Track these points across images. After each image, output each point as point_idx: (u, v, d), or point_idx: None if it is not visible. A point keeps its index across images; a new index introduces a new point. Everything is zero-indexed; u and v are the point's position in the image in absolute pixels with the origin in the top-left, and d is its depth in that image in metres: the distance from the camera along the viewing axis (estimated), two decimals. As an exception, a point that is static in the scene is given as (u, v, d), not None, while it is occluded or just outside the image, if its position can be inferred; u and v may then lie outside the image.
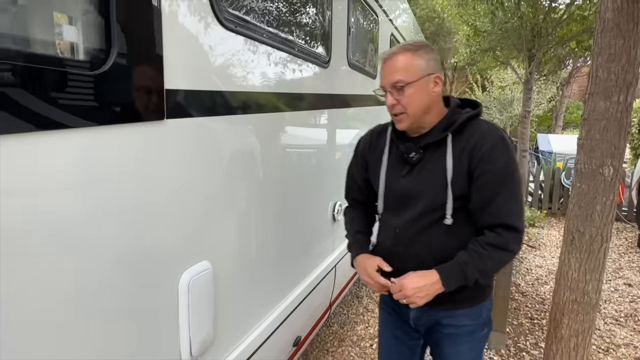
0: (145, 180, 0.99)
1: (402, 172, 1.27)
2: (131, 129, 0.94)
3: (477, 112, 1.26)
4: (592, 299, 1.85)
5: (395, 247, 1.29)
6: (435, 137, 1.22)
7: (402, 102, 1.20)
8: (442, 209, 1.21)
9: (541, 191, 7.26)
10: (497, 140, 1.19)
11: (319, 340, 3.03)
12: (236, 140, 1.36)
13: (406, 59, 1.19)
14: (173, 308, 1.12)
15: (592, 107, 1.73)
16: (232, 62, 1.28)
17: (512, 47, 5.79)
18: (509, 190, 1.19)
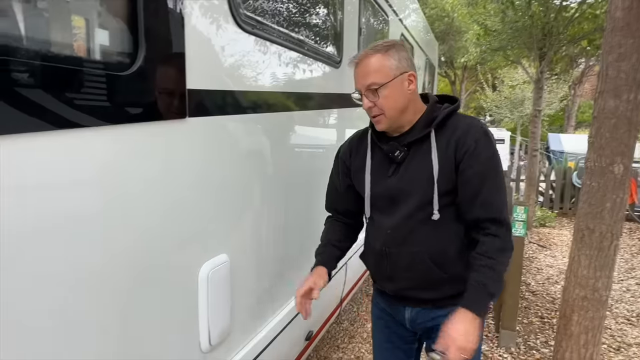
0: (168, 176, 1.04)
1: (388, 173, 1.27)
2: (155, 127, 0.99)
3: (456, 106, 1.26)
4: (602, 295, 1.86)
5: (387, 248, 1.28)
6: (419, 133, 1.22)
7: (379, 104, 1.20)
8: (430, 206, 1.21)
9: (552, 191, 7.21)
10: (480, 134, 1.20)
11: (330, 337, 3.07)
12: (254, 138, 1.40)
13: (377, 60, 1.18)
14: (193, 298, 1.17)
15: (602, 105, 1.75)
16: (249, 63, 1.33)
17: (523, 46, 5.75)
18: (494, 182, 1.20)
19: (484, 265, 1.18)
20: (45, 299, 0.77)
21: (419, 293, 1.31)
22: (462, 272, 1.24)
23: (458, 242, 1.26)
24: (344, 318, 3.37)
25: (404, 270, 1.27)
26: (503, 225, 1.22)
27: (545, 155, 12.85)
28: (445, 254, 1.24)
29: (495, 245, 1.20)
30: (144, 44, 0.92)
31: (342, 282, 2.51)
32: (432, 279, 1.26)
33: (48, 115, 0.74)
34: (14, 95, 0.68)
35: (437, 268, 1.24)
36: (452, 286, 1.26)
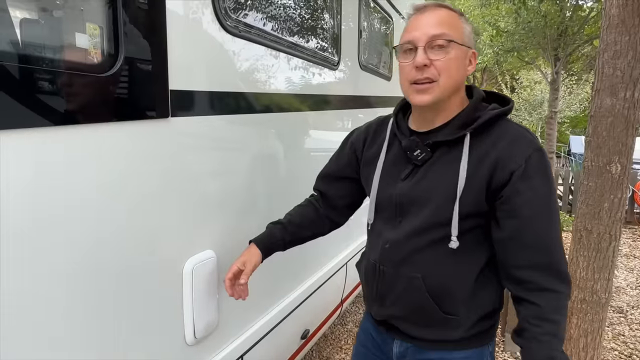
0: (152, 173, 1.08)
1: (402, 174, 1.04)
2: (139, 125, 1.04)
3: (507, 109, 0.99)
4: (601, 298, 1.82)
5: (381, 265, 1.07)
6: (449, 134, 0.97)
7: (438, 65, 0.93)
8: (446, 227, 0.97)
9: (571, 194, 7.04)
10: (533, 150, 0.93)
11: (333, 338, 3.08)
12: (238, 137, 1.44)
13: (453, 16, 0.97)
14: (177, 292, 1.21)
15: (599, 103, 1.73)
16: (233, 65, 1.37)
17: (537, 46, 5.67)
18: (549, 217, 0.94)
19: (543, 332, 0.92)
20: (28, 295, 0.81)
21: (408, 327, 1.09)
22: (466, 316, 1.02)
23: (472, 279, 1.00)
24: (348, 319, 3.38)
25: (397, 296, 1.06)
26: (563, 277, 0.94)
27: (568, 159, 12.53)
28: (449, 290, 1.01)
29: (554, 304, 0.93)
30: (125, 45, 0.97)
31: (342, 283, 2.53)
32: (425, 314, 1.04)
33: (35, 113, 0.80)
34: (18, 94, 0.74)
35: (433, 302, 1.01)
36: (449, 329, 1.03)
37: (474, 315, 1.03)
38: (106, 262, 0.98)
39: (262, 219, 1.63)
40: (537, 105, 13.34)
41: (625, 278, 4.36)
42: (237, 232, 1.48)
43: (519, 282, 0.97)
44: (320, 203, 1.30)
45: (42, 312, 0.85)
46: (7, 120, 0.76)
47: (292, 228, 1.26)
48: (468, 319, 1.03)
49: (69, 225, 0.88)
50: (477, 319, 1.03)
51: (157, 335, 1.15)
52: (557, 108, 5.96)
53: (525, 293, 0.96)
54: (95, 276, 0.95)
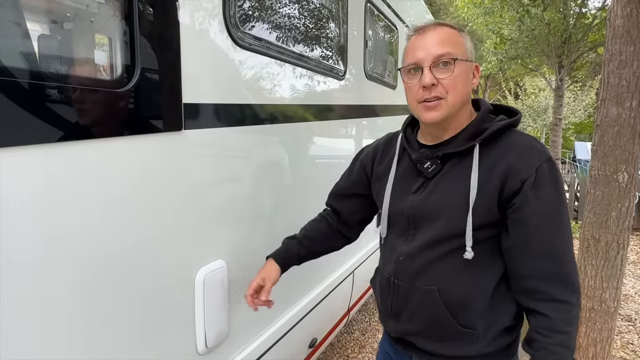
0: (165, 184, 1.10)
1: (413, 187, 1.05)
2: (153, 138, 1.06)
3: (514, 120, 1.00)
4: (609, 307, 1.82)
5: (396, 279, 1.07)
6: (459, 146, 0.99)
7: (445, 83, 0.95)
8: (461, 238, 0.97)
9: (577, 201, 7.01)
10: (543, 159, 0.93)
11: (340, 346, 3.08)
12: (250, 148, 1.47)
13: (454, 34, 0.99)
14: (190, 301, 1.23)
15: (605, 113, 1.74)
16: (244, 78, 1.40)
17: (541, 53, 5.69)
18: (559, 227, 0.94)
19: (553, 343, 0.92)
20: (45, 305, 0.84)
21: (424, 343, 1.07)
22: (484, 331, 1.00)
23: (488, 291, 1.00)
24: (355, 328, 3.37)
25: (412, 310, 1.05)
26: (572, 287, 0.94)
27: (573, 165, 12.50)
28: (466, 303, 1.00)
29: (564, 315, 0.93)
30: (140, 61, 1.00)
31: (349, 291, 2.54)
32: (442, 328, 1.02)
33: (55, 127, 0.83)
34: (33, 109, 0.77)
35: (450, 315, 1.00)
36: (466, 344, 1.02)
37: (492, 330, 1.01)
38: (119, 272, 1.00)
39: (271, 228, 1.65)
40: (541, 112, 13.34)
41: (633, 286, 4.33)
42: (247, 241, 1.49)
43: (529, 292, 0.97)
44: (333, 218, 1.32)
45: (57, 324, 0.87)
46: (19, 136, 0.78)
47: (307, 242, 1.28)
48: (486, 334, 1.01)
49: (85, 237, 0.90)
50: (495, 334, 1.01)
51: (169, 345, 1.17)
52: (561, 115, 5.96)
53: (535, 304, 0.96)
54: (108, 287, 0.97)
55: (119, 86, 0.97)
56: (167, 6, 1.06)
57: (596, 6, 5.39)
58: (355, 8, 2.39)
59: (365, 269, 2.78)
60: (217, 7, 1.25)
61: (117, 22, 0.98)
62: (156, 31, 1.04)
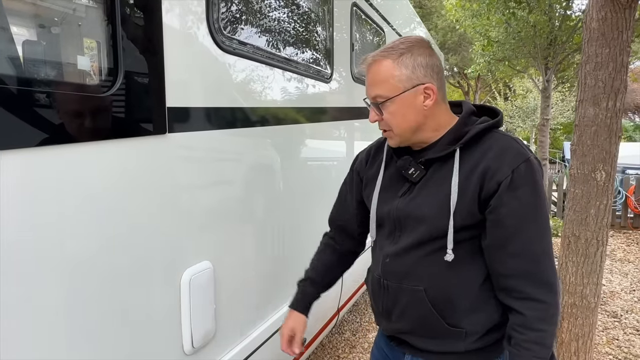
0: (150, 187, 1.12)
1: (400, 191, 1.08)
2: (138, 142, 1.08)
3: (495, 122, 1.02)
4: (590, 302, 1.86)
5: (385, 279, 1.10)
6: (439, 151, 1.02)
7: (385, 118, 1.03)
8: (443, 239, 1.00)
9: (565, 200, 7.11)
10: (519, 160, 0.95)
11: (331, 347, 3.10)
12: (235, 151, 1.49)
13: (386, 68, 0.99)
14: (176, 302, 1.24)
15: (582, 113, 1.79)
16: (229, 82, 1.43)
17: (528, 55, 5.78)
18: (535, 226, 0.96)
19: (527, 340, 0.95)
20: (33, 304, 0.85)
21: (416, 340, 1.11)
22: (471, 328, 1.04)
23: (474, 289, 1.03)
24: (345, 328, 3.40)
25: (402, 309, 1.09)
26: (548, 287, 0.96)
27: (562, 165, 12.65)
28: (452, 302, 1.03)
29: (538, 314, 0.95)
30: (124, 66, 1.02)
31: (338, 291, 2.56)
32: (431, 326, 1.06)
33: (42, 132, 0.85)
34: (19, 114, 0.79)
35: (437, 314, 1.04)
36: (455, 341, 1.05)
37: (479, 327, 1.04)
38: (105, 273, 1.01)
39: (257, 230, 1.67)
40: (530, 113, 13.52)
41: (619, 282, 4.40)
42: (232, 243, 1.51)
43: (507, 290, 1.00)
44: (338, 239, 1.32)
45: (43, 324, 0.89)
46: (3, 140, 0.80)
47: (320, 279, 1.32)
48: (473, 331, 1.04)
49: (70, 239, 0.92)
50: (483, 331, 1.04)
51: (156, 345, 1.18)
52: (549, 115, 6.05)
53: (511, 301, 0.99)
54: (93, 288, 0.99)
55: (102, 91, 0.99)
56: (151, 10, 1.08)
57: (580, 8, 5.50)
58: (341, 11, 2.43)
59: (355, 269, 2.80)
60: (201, 12, 1.27)
61: (100, 26, 1.00)
62: (140, 36, 1.06)
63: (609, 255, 5.29)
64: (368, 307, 3.81)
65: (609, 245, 4.87)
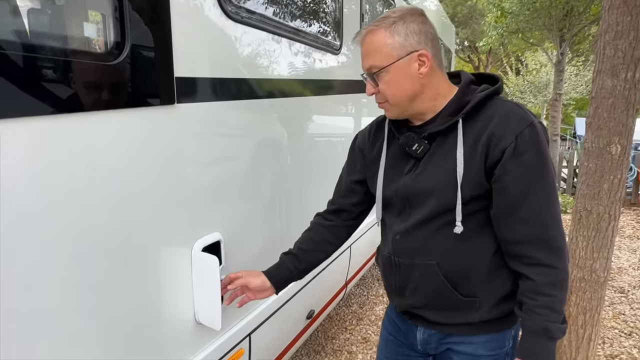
0: (158, 158, 1.12)
1: (405, 168, 1.07)
2: (146, 112, 1.07)
3: (496, 89, 1.00)
4: (599, 277, 1.86)
5: (397, 257, 1.10)
6: (441, 124, 1.00)
7: (382, 90, 1.02)
8: (452, 212, 0.99)
9: (576, 177, 7.04)
10: (523, 126, 0.93)
11: (338, 319, 3.16)
12: (242, 122, 1.47)
13: (379, 38, 0.98)
14: (187, 272, 1.26)
15: (600, 85, 1.73)
16: (237, 51, 1.40)
17: (542, 27, 5.60)
18: (541, 192, 0.95)
19: (538, 305, 0.96)
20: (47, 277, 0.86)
21: (430, 314, 1.12)
22: (485, 298, 1.05)
23: (486, 260, 1.03)
24: (353, 301, 3.45)
25: (414, 285, 1.09)
26: (558, 252, 0.96)
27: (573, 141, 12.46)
28: (465, 274, 1.04)
29: (548, 279, 0.96)
30: (130, 34, 1.00)
31: (346, 265, 2.59)
32: (444, 299, 1.06)
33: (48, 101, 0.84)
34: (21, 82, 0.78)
35: (451, 287, 1.04)
36: (469, 312, 1.06)
37: (493, 297, 1.05)
38: (112, 244, 1.02)
39: (266, 201, 1.67)
40: (542, 88, 13.21)
41: (627, 259, 4.39)
42: (244, 214, 1.52)
43: (517, 257, 1.00)
44: (329, 218, 1.29)
45: (56, 291, 0.90)
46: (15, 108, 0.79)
47: (304, 255, 1.26)
48: (487, 301, 1.05)
49: (77, 211, 0.92)
50: (496, 301, 1.05)
51: (169, 314, 1.21)
52: (561, 90, 5.91)
53: (522, 267, 0.99)
54: (104, 255, 1.00)
55: (109, 59, 0.97)
56: (157, -22, 1.05)
57: (599, -23, 5.28)
58: (351, -20, 2.35)
59: (363, 244, 2.82)
60: (209, -21, 1.23)
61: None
62: (147, 3, 1.04)
63: (618, 231, 5.26)
64: (375, 281, 3.85)
65: (618, 222, 4.85)
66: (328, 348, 2.77)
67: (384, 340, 1.30)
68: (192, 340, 1.30)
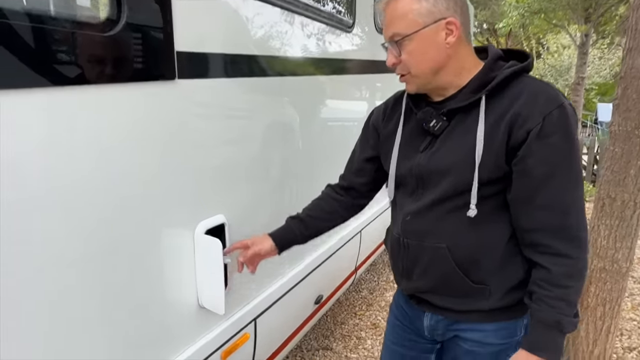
0: (158, 135, 1.07)
1: (421, 146, 1.02)
2: (144, 86, 1.02)
3: (525, 65, 0.94)
4: (622, 267, 1.77)
5: (406, 238, 1.06)
6: (463, 100, 0.94)
7: (404, 60, 0.95)
8: (467, 194, 0.94)
9: (596, 164, 6.83)
10: (553, 106, 0.86)
11: (348, 304, 3.13)
12: (248, 100, 1.41)
13: (404, 3, 0.92)
14: (190, 255, 1.22)
15: (630, 64, 1.62)
16: (244, 27, 1.33)
17: (567, 7, 5.34)
18: (566, 178, 0.88)
19: (552, 296, 0.90)
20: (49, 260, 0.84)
21: (437, 299, 1.08)
22: (496, 286, 1.00)
23: (499, 246, 0.98)
24: (363, 287, 3.42)
25: (423, 268, 1.05)
26: (577, 242, 0.90)
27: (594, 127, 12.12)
28: (476, 259, 0.99)
29: (565, 270, 0.90)
30: (127, 4, 0.94)
31: (356, 251, 2.54)
32: (453, 285, 1.02)
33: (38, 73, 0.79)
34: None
35: (461, 272, 1.00)
36: (479, 299, 1.02)
37: (504, 285, 1.00)
38: (111, 224, 0.98)
39: (274, 184, 1.62)
40: (563, 72, 12.79)
41: (648, 249, 4.25)
42: (248, 197, 1.47)
43: (532, 245, 0.94)
44: (340, 192, 1.26)
45: (65, 277, 0.87)
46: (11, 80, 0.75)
47: (310, 221, 1.25)
48: (498, 289, 1.00)
49: (73, 188, 0.88)
50: (508, 288, 1.00)
51: (171, 297, 1.18)
52: (584, 73, 5.68)
53: (537, 256, 0.94)
54: (105, 240, 0.97)
55: (104, 30, 0.92)
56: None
57: (630, -47, 4.99)
58: (365, -47, 2.24)
59: (373, 229, 2.76)
60: (211, -53, 1.16)
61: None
62: (143, -29, 0.97)
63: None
64: (386, 267, 3.81)
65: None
66: (337, 333, 2.76)
67: (391, 326, 1.27)
68: (195, 324, 1.28)
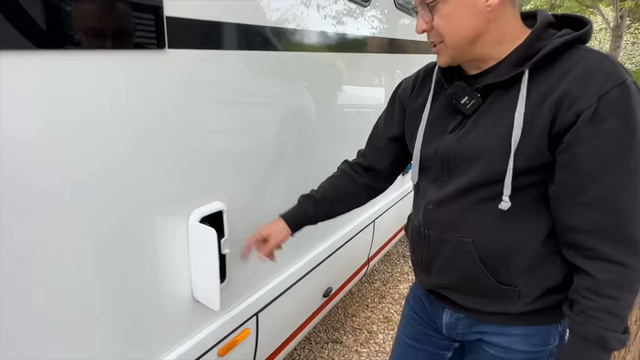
0: (146, 112, 0.96)
1: (450, 126, 0.89)
2: (129, 55, 0.90)
3: (580, 34, 0.77)
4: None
5: (427, 229, 0.95)
6: (501, 75, 0.80)
7: (436, 27, 0.82)
8: (500, 184, 0.81)
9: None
10: (611, 84, 0.71)
11: (360, 295, 3.03)
12: (247, 74, 1.27)
13: None
14: (183, 245, 1.12)
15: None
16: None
17: (601, -14, 5.00)
18: (622, 171, 0.74)
19: (596, 308, 0.77)
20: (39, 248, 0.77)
21: (458, 297, 0.98)
22: (527, 288, 0.88)
23: (532, 245, 0.85)
24: (376, 278, 3.30)
25: (443, 263, 0.95)
26: (627, 243, 0.76)
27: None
28: (506, 258, 0.87)
29: (614, 278, 0.76)
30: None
31: (369, 241, 2.41)
32: (476, 284, 0.91)
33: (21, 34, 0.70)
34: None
35: (486, 270, 0.88)
36: (505, 302, 0.90)
37: (537, 288, 0.88)
38: (97, 210, 0.88)
39: (278, 168, 1.49)
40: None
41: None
42: (250, 182, 1.35)
43: (574, 247, 0.81)
44: (360, 171, 1.17)
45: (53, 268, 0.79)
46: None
47: (325, 203, 1.16)
48: (529, 292, 0.88)
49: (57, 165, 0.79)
50: (541, 291, 0.88)
51: (163, 290, 1.08)
52: (618, 57, 5.34)
53: (580, 260, 0.80)
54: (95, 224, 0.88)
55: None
56: None
57: None
58: None
59: (388, 219, 2.63)
60: None
61: None
62: None
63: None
64: (400, 257, 3.68)
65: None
66: (347, 326, 2.65)
67: (406, 319, 1.17)
68: (190, 319, 1.18)
